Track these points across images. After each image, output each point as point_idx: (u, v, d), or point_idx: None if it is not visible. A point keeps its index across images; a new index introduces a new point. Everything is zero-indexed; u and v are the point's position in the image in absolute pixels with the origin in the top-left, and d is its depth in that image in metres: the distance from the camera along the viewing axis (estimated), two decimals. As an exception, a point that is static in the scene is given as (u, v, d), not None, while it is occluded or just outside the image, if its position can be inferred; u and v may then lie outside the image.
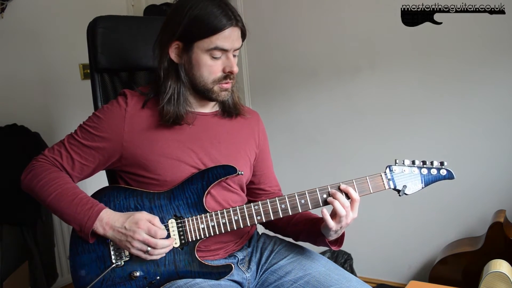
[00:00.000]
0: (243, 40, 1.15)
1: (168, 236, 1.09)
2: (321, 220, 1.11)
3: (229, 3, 1.11)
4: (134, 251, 1.06)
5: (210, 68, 1.11)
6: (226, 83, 1.13)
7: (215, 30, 1.07)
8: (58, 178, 1.10)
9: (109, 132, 1.13)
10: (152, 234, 1.05)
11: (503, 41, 1.89)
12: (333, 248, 1.16)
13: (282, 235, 1.31)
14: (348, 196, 1.09)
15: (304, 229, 1.20)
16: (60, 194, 1.08)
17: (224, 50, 1.10)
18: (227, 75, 1.12)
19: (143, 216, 1.07)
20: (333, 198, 1.07)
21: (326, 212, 1.06)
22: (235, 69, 1.12)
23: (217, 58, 1.10)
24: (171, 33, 1.11)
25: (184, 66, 1.13)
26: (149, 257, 1.07)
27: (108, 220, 1.06)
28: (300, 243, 1.27)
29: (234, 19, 1.09)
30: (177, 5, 1.12)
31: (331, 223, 1.06)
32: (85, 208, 1.06)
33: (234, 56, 1.13)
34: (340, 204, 1.06)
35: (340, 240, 1.16)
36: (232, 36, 1.09)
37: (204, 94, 1.15)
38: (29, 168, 1.14)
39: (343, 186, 1.09)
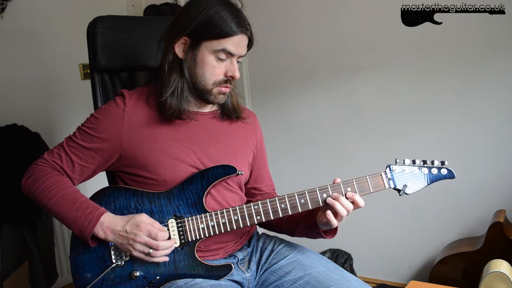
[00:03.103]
0: (248, 49, 1.17)
1: (169, 238, 1.09)
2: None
3: (241, 11, 1.13)
4: (136, 253, 1.06)
5: (213, 69, 1.12)
6: (226, 87, 1.15)
7: (227, 34, 1.09)
8: (58, 182, 1.10)
9: (108, 133, 1.13)
10: (152, 236, 1.05)
11: (503, 41, 1.89)
12: (328, 238, 1.18)
13: (276, 232, 1.31)
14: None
15: (299, 224, 1.21)
16: (61, 198, 1.08)
17: (230, 54, 1.12)
18: (228, 79, 1.14)
19: (144, 219, 1.07)
20: (334, 200, 1.08)
21: (330, 213, 1.08)
22: (237, 74, 1.14)
23: (222, 61, 1.12)
24: (181, 28, 1.12)
25: (188, 62, 1.13)
26: (151, 259, 1.07)
27: (109, 225, 1.06)
28: (299, 242, 1.27)
29: (244, 27, 1.11)
30: (192, 3, 1.13)
31: (334, 222, 1.08)
32: (86, 213, 1.06)
33: (238, 62, 1.15)
34: (342, 206, 1.07)
35: (334, 229, 1.18)
36: (241, 43, 1.12)
37: (201, 94, 1.15)
38: (29, 173, 1.14)
39: (349, 195, 1.09)
